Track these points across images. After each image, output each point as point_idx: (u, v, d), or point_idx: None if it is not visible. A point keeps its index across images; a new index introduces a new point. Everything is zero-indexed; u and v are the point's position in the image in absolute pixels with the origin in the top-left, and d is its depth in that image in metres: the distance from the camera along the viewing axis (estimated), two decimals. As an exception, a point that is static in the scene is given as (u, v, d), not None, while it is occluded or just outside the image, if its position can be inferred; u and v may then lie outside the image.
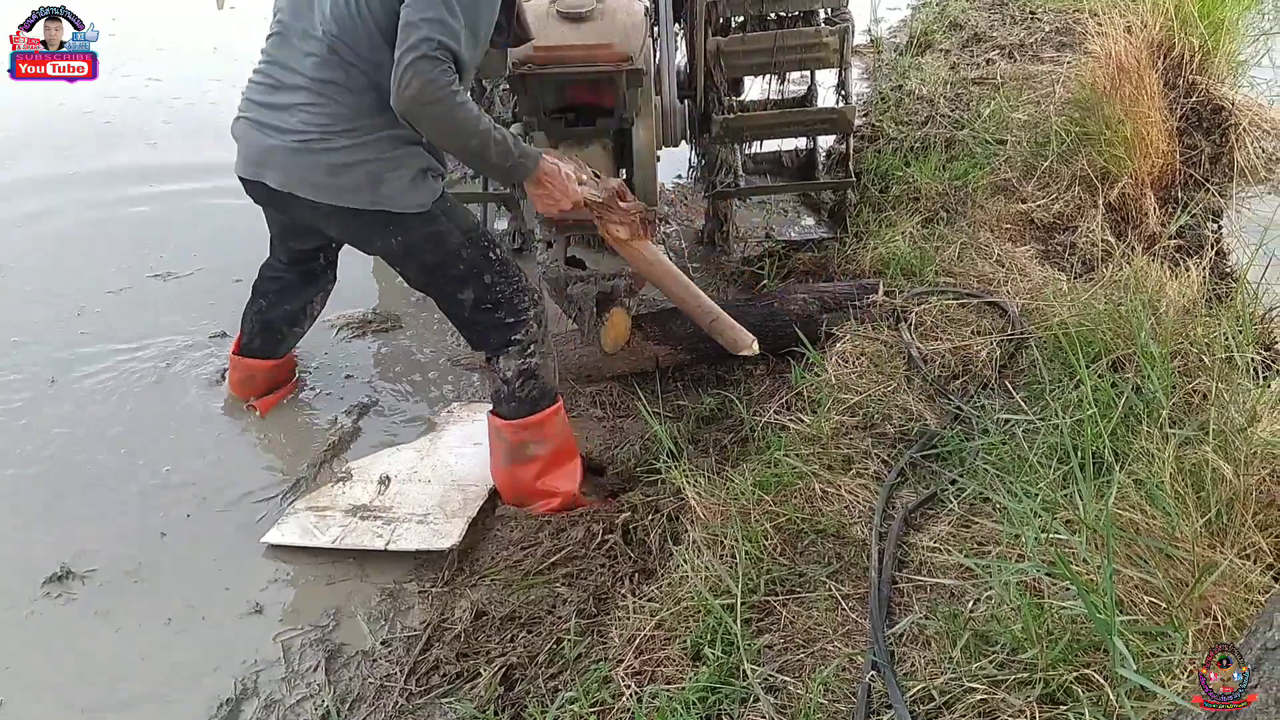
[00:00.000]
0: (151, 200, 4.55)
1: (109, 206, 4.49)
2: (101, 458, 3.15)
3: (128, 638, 2.56)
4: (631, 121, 3.02)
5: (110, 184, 4.65)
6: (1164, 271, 3.11)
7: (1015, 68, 5.08)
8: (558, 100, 3.00)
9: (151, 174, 4.73)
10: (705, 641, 2.16)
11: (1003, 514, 2.22)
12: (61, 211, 4.44)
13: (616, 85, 2.91)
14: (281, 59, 2.56)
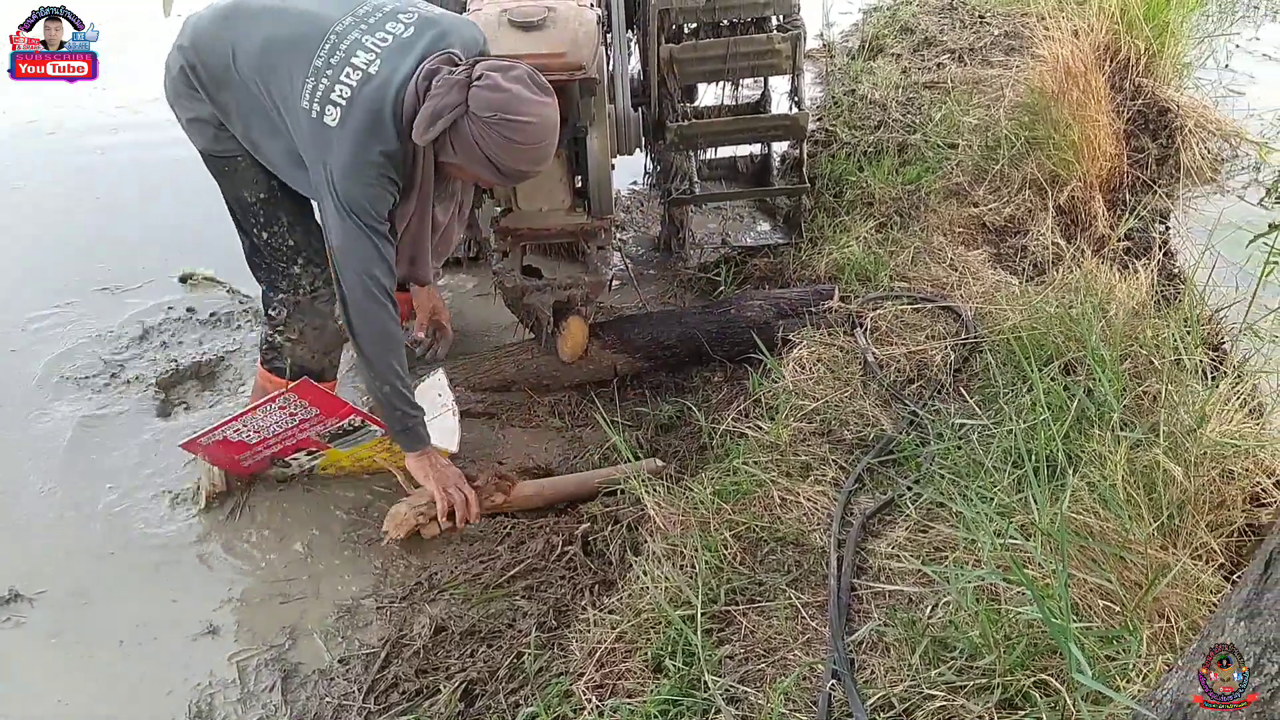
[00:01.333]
0: (95, 211, 4.48)
1: (52, 219, 4.41)
2: (45, 476, 3.09)
3: (79, 661, 2.52)
4: (586, 130, 3.01)
5: (54, 195, 4.57)
6: (1113, 274, 3.15)
7: (965, 72, 5.12)
8: None
9: (96, 181, 4.65)
10: (666, 653, 2.15)
11: (958, 519, 2.24)
12: (4, 227, 4.36)
13: (569, 94, 2.89)
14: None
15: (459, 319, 3.83)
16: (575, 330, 3.30)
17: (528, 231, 3.22)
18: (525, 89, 2.40)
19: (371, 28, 2.50)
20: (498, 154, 2.42)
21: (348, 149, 2.42)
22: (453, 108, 2.37)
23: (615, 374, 3.44)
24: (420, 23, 2.53)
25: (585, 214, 3.21)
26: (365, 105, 2.41)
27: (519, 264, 3.30)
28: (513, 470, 3.04)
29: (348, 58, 2.45)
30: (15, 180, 4.70)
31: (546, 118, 2.44)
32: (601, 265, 3.29)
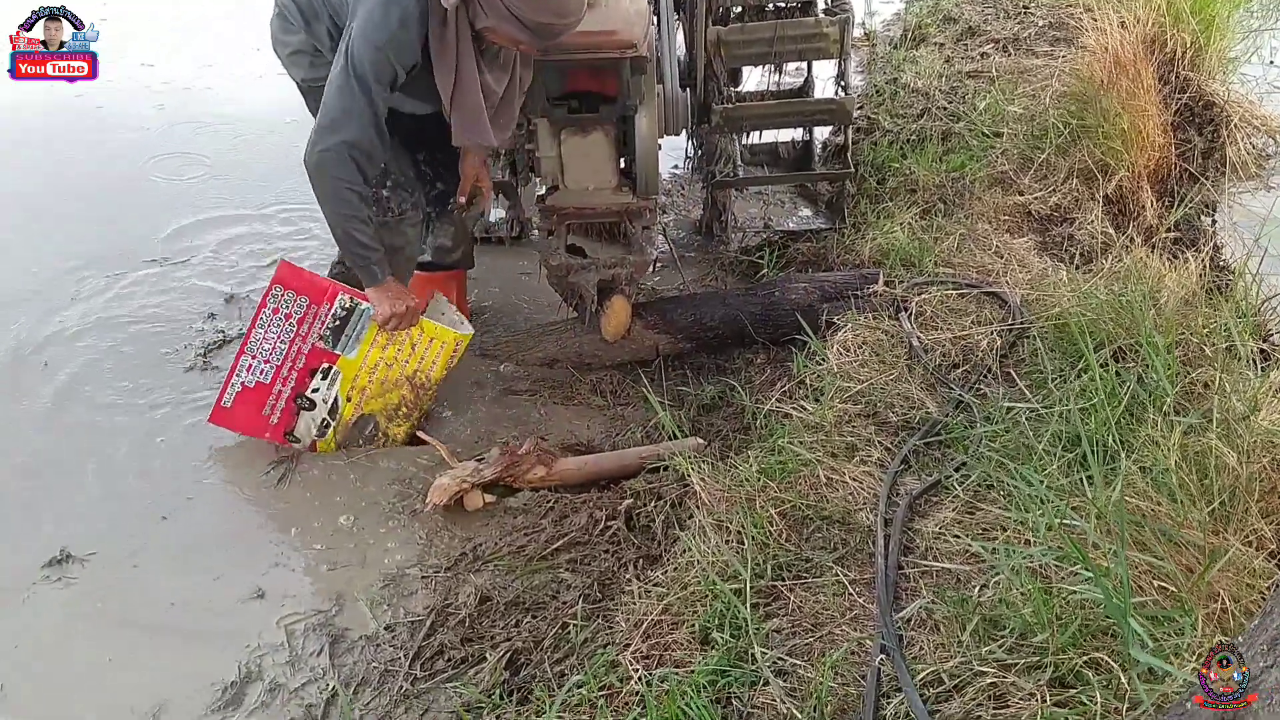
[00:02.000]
0: (144, 183, 4.52)
1: (102, 192, 4.46)
2: (100, 440, 3.14)
3: (129, 622, 2.55)
4: (635, 109, 3.01)
5: (103, 169, 4.62)
6: (1163, 263, 3.13)
7: (1010, 61, 5.08)
8: (560, 87, 2.99)
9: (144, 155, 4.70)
10: (714, 625, 2.16)
11: (1010, 500, 2.23)
12: (57, 195, 4.41)
13: (620, 72, 2.90)
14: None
15: (503, 297, 3.86)
16: (618, 309, 3.31)
17: (573, 210, 3.22)
18: None
19: None
20: (521, 7, 2.48)
21: (367, 9, 2.54)
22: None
23: (657, 354, 3.44)
24: None
25: (631, 194, 3.22)
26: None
27: (564, 243, 3.31)
28: (555, 447, 3.06)
29: None
30: (63, 151, 4.75)
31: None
32: (646, 245, 3.30)
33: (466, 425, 3.25)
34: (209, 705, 2.33)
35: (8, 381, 3.37)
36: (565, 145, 3.09)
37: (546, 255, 3.29)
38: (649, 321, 3.42)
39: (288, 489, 2.97)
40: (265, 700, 2.35)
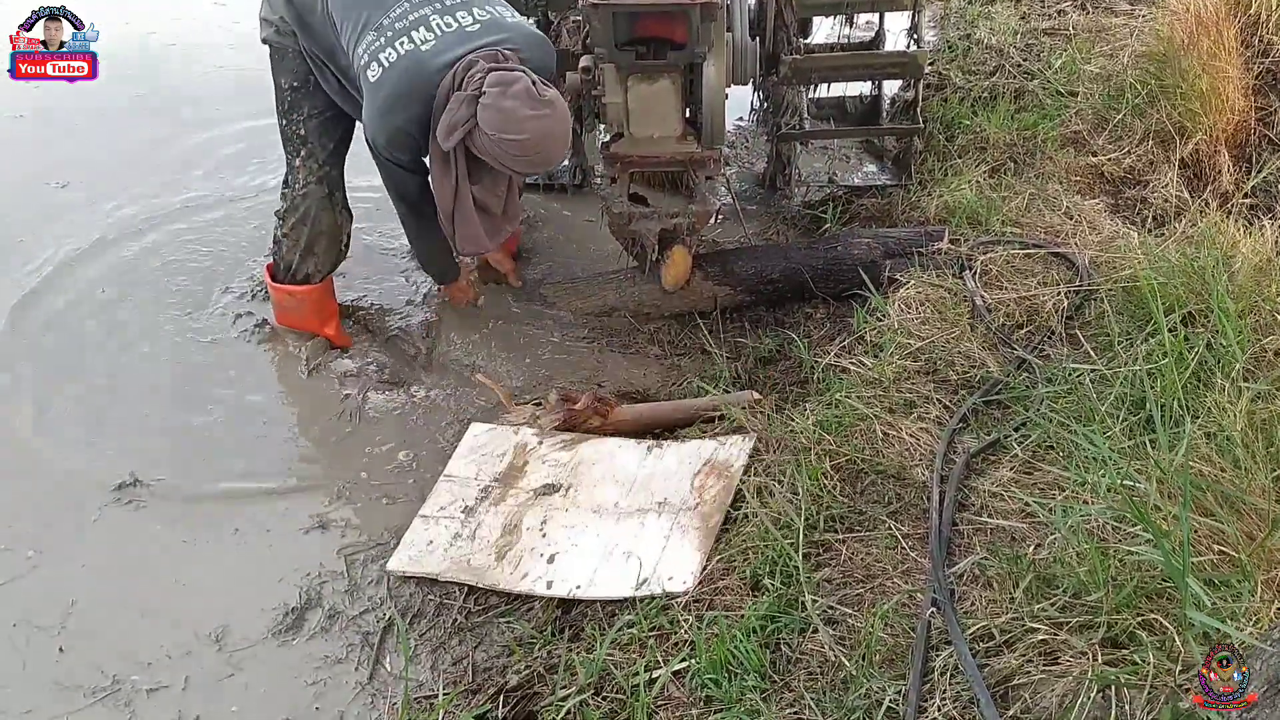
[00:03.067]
0: (215, 122, 4.58)
1: (173, 129, 4.53)
2: (166, 371, 3.22)
3: (196, 545, 2.63)
4: (703, 57, 2.99)
5: (175, 106, 4.68)
6: (1238, 229, 3.06)
7: (1088, 19, 4.95)
8: (628, 32, 2.97)
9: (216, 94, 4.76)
10: (765, 572, 2.18)
11: (1069, 460, 2.22)
12: (126, 128, 4.49)
13: (690, 19, 2.87)
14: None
15: (564, 244, 3.87)
16: (679, 259, 3.31)
17: (637, 159, 3.21)
18: (522, 104, 2.61)
19: (444, 10, 2.77)
20: (505, 160, 2.72)
21: (374, 108, 2.76)
22: (464, 121, 2.65)
23: (715, 306, 3.44)
24: (489, 23, 2.78)
25: (696, 143, 3.20)
26: (400, 77, 2.70)
27: (626, 191, 3.30)
28: (611, 395, 3.08)
29: (410, 29, 2.72)
30: (135, 89, 4.82)
31: (542, 130, 2.66)
32: (709, 195, 3.28)
33: (525, 370, 3.28)
34: (270, 628, 2.40)
35: (73, 312, 3.45)
36: (631, 92, 3.07)
37: (609, 203, 3.29)
38: (709, 273, 3.42)
39: (352, 425, 3.03)
40: (324, 626, 2.42)
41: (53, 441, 2.93)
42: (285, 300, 3.29)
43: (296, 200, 3.16)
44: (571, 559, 2.45)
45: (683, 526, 2.45)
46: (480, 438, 2.90)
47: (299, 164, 3.13)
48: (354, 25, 2.78)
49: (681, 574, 2.30)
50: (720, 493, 2.50)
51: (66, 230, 3.83)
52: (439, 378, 3.24)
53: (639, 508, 2.56)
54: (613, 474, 2.70)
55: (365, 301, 3.49)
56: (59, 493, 2.76)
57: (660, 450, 2.75)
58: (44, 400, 3.08)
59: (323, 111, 3.07)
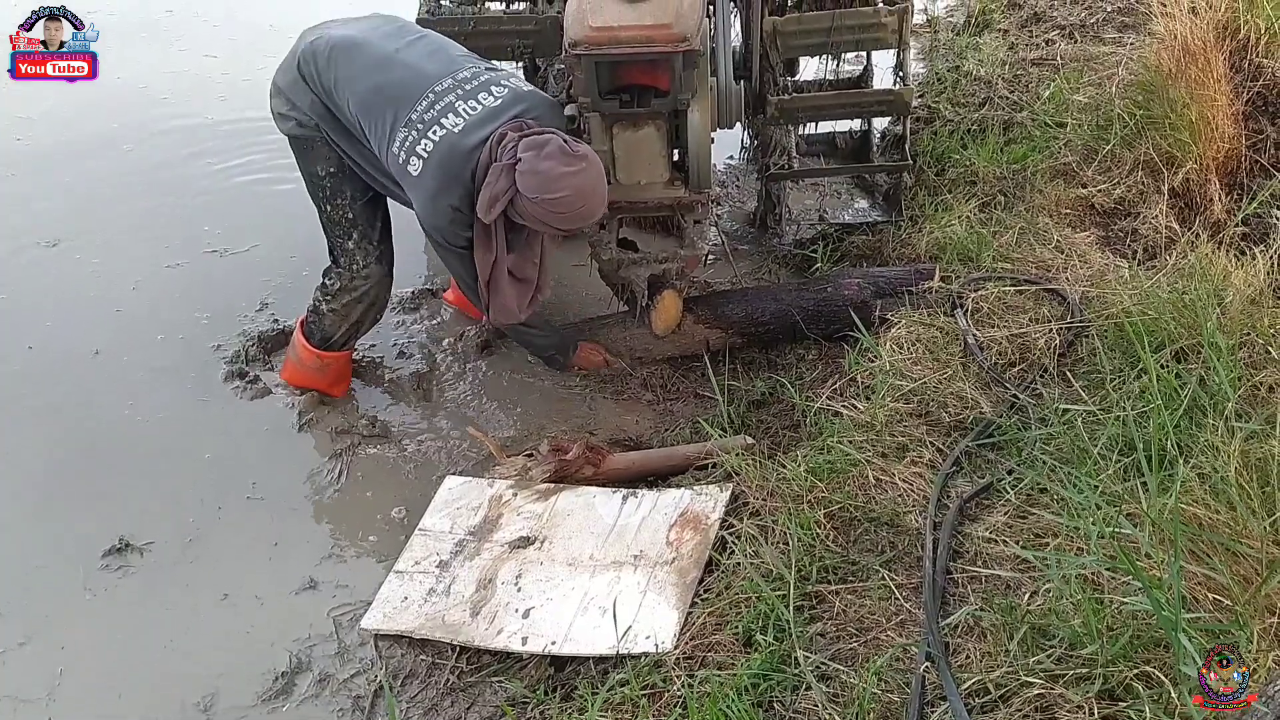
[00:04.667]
0: (207, 175, 4.58)
1: (164, 183, 4.53)
2: (155, 429, 3.21)
3: (186, 611, 2.61)
4: (687, 103, 2.99)
5: (165, 160, 4.69)
6: (1229, 260, 3.03)
7: (1076, 49, 4.96)
8: (612, 81, 2.98)
9: (207, 149, 4.77)
10: (757, 628, 2.16)
11: (1062, 505, 2.19)
12: (116, 185, 4.49)
13: (672, 66, 2.88)
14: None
15: (556, 289, 3.85)
16: (669, 304, 3.30)
17: (625, 204, 3.21)
18: (558, 164, 2.72)
19: (467, 94, 2.88)
20: (550, 221, 2.81)
21: (424, 200, 2.87)
22: (505, 191, 2.76)
23: (708, 349, 3.43)
24: (509, 98, 2.91)
25: (683, 187, 3.20)
26: (440, 162, 2.80)
27: (615, 237, 3.30)
28: (604, 442, 3.06)
29: (439, 117, 2.83)
30: (126, 143, 4.83)
31: (580, 185, 2.77)
32: (698, 239, 3.28)
33: (516, 419, 3.27)
34: (260, 695, 2.38)
35: (63, 371, 3.44)
36: (617, 139, 3.08)
37: (598, 249, 3.28)
38: (700, 316, 3.41)
39: (344, 481, 3.01)
40: (314, 691, 2.40)
41: (39, 506, 2.92)
42: (312, 363, 3.28)
43: (357, 281, 3.18)
44: (546, 613, 2.44)
45: (659, 582, 2.43)
46: (455, 490, 2.89)
47: (353, 246, 3.15)
48: (383, 125, 2.87)
49: (661, 634, 2.27)
50: (697, 547, 2.49)
51: (55, 288, 3.82)
52: (431, 430, 3.22)
53: (614, 560, 2.55)
54: (588, 525, 2.68)
55: (357, 354, 3.47)
56: (47, 559, 2.75)
57: (636, 499, 2.74)
58: (29, 463, 3.07)
59: (365, 192, 3.12)
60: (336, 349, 3.28)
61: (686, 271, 3.32)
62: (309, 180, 3.13)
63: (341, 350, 3.30)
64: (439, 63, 2.96)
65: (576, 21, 2.82)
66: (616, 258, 3.26)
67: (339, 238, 3.16)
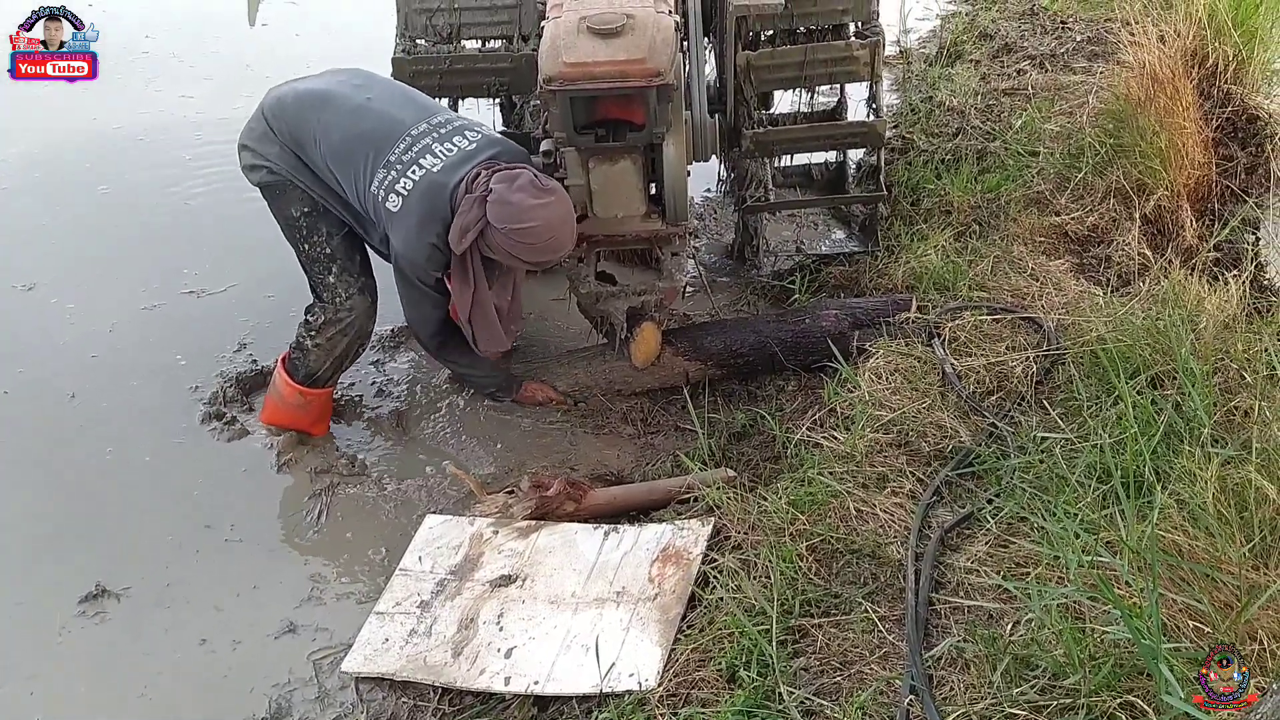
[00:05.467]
0: (184, 215, 4.57)
1: (141, 224, 4.52)
2: (132, 473, 3.18)
3: (163, 658, 2.58)
4: (662, 137, 3.01)
5: (142, 201, 4.68)
6: (1202, 285, 3.06)
7: (1047, 78, 5.02)
8: (587, 116, 3.00)
9: (184, 189, 4.76)
10: (740, 663, 2.14)
11: (1042, 534, 2.19)
12: (92, 227, 4.47)
13: (647, 100, 2.90)
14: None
15: (535, 323, 3.87)
16: (648, 336, 3.30)
17: (603, 237, 3.22)
18: (528, 196, 2.82)
19: (443, 137, 2.97)
20: (518, 252, 2.90)
21: (403, 234, 2.93)
22: (476, 221, 2.84)
23: (687, 381, 3.43)
24: (482, 142, 3.01)
25: (661, 220, 3.21)
26: (421, 198, 2.88)
27: (594, 270, 3.31)
28: (585, 478, 3.05)
29: (417, 158, 2.91)
30: (102, 184, 4.82)
31: (552, 217, 2.87)
32: (676, 271, 3.29)
33: (496, 455, 3.26)
34: (239, 742, 2.34)
35: (39, 413, 3.41)
36: (593, 174, 3.09)
37: (576, 282, 3.29)
38: (679, 349, 3.41)
39: (323, 521, 2.99)
40: (295, 736, 2.36)
41: (14, 550, 2.89)
42: (294, 399, 3.26)
43: (341, 314, 3.19)
44: (529, 652, 2.42)
45: (642, 618, 2.42)
46: (435, 529, 2.87)
47: (334, 280, 3.17)
48: (360, 168, 2.95)
49: (645, 670, 2.26)
50: (679, 583, 2.47)
51: (31, 331, 3.80)
52: (411, 469, 3.20)
53: (596, 597, 2.53)
54: (570, 562, 2.67)
55: (336, 393, 3.45)
56: (22, 605, 2.72)
57: (618, 535, 2.73)
58: (3, 507, 3.04)
59: (341, 227, 3.15)
60: (320, 385, 3.27)
61: (665, 303, 3.33)
62: (285, 224, 3.15)
63: (324, 387, 3.29)
64: (412, 110, 3.05)
65: (551, 57, 2.84)
66: (595, 290, 3.27)
67: (320, 274, 3.17)
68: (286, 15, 6.55)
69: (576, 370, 3.46)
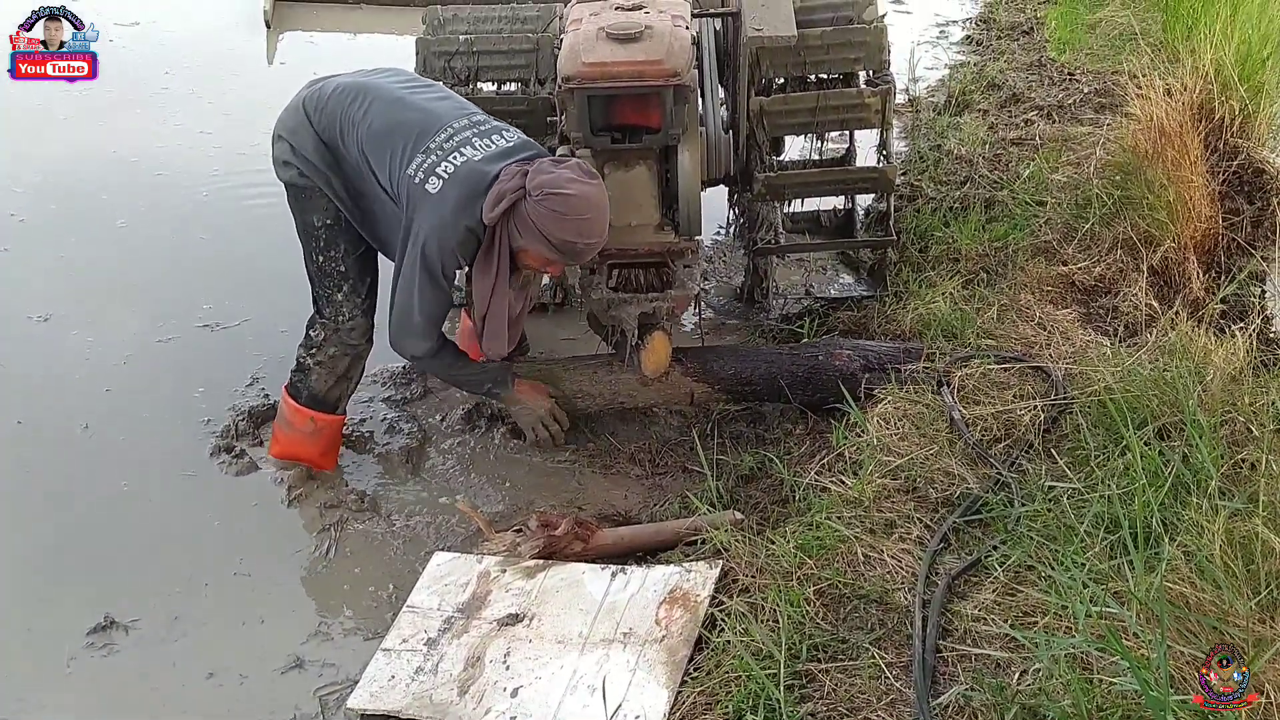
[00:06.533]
0: (200, 249, 4.62)
1: (157, 257, 4.56)
2: (144, 510, 3.20)
3: (170, 692, 2.59)
4: (678, 139, 3.04)
5: (159, 234, 4.73)
6: (1209, 338, 3.09)
7: (1054, 129, 5.07)
8: (604, 118, 3.04)
9: (201, 222, 4.81)
10: (747, 708, 2.15)
11: (1049, 583, 2.20)
12: (110, 259, 4.52)
13: (664, 101, 2.95)
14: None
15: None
16: (659, 346, 3.30)
17: (615, 250, 3.20)
18: (572, 172, 2.81)
19: (483, 133, 2.98)
20: (549, 227, 2.81)
21: (438, 217, 2.88)
22: (514, 190, 2.81)
23: (692, 401, 3.47)
24: (520, 143, 3.02)
25: (673, 233, 3.23)
26: (461, 184, 2.86)
27: (605, 280, 3.29)
28: (593, 517, 3.07)
29: (459, 146, 2.92)
30: (119, 216, 4.87)
31: (590, 195, 2.81)
32: (688, 280, 3.28)
33: (505, 493, 3.27)
34: (245, 779, 2.34)
35: (52, 445, 3.44)
36: (609, 179, 3.12)
37: (588, 290, 3.29)
38: (688, 368, 3.42)
39: (332, 557, 3.00)
40: (300, 773, 2.36)
41: (23, 581, 2.91)
42: (304, 426, 3.27)
43: (343, 334, 3.21)
44: (535, 692, 2.42)
45: (649, 660, 2.42)
46: (443, 567, 2.88)
47: (342, 299, 3.19)
48: (397, 154, 2.93)
49: (651, 713, 2.26)
50: (686, 625, 2.48)
51: (45, 362, 3.83)
52: (420, 505, 3.22)
53: (603, 638, 2.53)
54: (577, 602, 2.67)
55: (346, 429, 3.48)
56: (30, 636, 2.73)
57: (625, 576, 2.73)
58: (13, 537, 3.06)
59: (359, 245, 3.17)
60: (328, 410, 3.27)
61: (677, 312, 3.35)
62: (304, 230, 3.16)
63: (334, 414, 3.30)
64: (451, 105, 3.07)
65: (569, 59, 2.92)
66: (607, 297, 3.26)
67: (329, 290, 3.19)
68: (304, 54, 6.63)
69: (581, 378, 3.44)
